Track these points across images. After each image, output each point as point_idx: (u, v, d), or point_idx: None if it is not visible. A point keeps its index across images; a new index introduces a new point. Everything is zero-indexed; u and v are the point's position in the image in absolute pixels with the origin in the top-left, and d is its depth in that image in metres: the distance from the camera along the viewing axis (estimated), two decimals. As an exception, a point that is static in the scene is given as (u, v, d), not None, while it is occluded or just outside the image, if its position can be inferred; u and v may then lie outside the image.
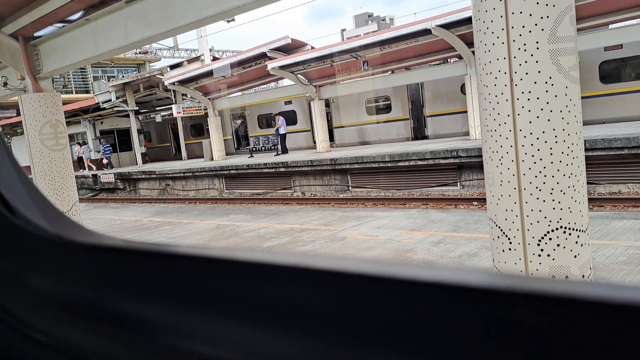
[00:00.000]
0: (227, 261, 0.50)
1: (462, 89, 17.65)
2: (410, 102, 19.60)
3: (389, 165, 14.25)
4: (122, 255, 0.61)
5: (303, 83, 18.48)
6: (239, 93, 23.52)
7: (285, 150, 20.48)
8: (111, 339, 0.57)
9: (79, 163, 26.43)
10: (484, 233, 6.17)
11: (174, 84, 21.12)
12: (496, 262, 3.33)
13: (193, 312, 0.51)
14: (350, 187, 15.81)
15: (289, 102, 22.76)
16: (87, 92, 45.95)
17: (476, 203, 10.75)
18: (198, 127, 27.14)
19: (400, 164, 14.01)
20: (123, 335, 0.56)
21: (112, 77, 48.36)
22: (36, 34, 7.26)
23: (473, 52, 14.98)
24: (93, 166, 26.05)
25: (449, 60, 18.22)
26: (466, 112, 17.00)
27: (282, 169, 17.11)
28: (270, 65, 17.39)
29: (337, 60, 16.92)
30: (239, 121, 26.56)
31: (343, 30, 70.94)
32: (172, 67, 21.97)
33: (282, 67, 17.62)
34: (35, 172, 6.76)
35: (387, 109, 20.06)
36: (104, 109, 23.63)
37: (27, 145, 6.84)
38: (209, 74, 20.20)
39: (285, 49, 17.70)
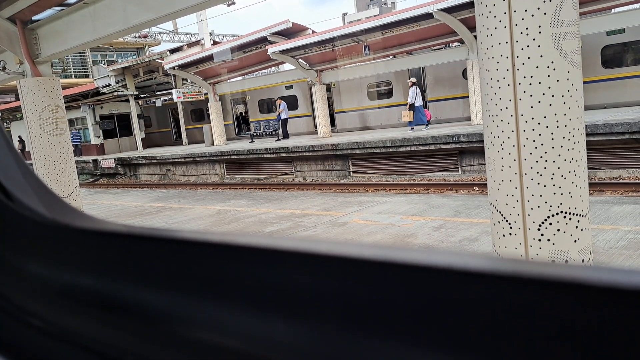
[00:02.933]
0: (226, 246, 0.49)
1: (464, 73, 17.55)
2: (411, 86, 19.49)
3: (391, 150, 14.23)
4: (120, 240, 0.61)
5: (304, 68, 18.38)
6: (240, 78, 23.41)
7: (286, 136, 20.42)
8: (109, 324, 0.57)
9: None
10: (485, 218, 6.19)
11: (174, 68, 21.00)
12: (496, 247, 3.34)
13: (191, 297, 0.50)
14: (351, 173, 15.81)
15: (290, 87, 22.65)
16: (87, 76, 45.69)
17: (477, 188, 10.75)
18: (198, 112, 27.05)
19: (401, 149, 13.99)
20: (121, 320, 0.56)
21: (112, 61, 48.09)
22: (34, 18, 7.20)
23: (475, 37, 14.87)
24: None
25: (450, 44, 18.10)
26: (468, 97, 16.94)
27: (283, 155, 17.10)
28: (271, 49, 17.28)
29: (338, 45, 16.81)
30: (240, 106, 26.44)
31: (344, 14, 70.34)
32: (172, 51, 21.84)
33: (283, 52, 17.51)
34: (35, 158, 6.76)
35: (389, 94, 19.96)
36: (104, 93, 23.54)
37: (26, 130, 6.82)
38: (210, 58, 20.08)
39: (286, 33, 17.57)
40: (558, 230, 3.17)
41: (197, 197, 11.39)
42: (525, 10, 3.06)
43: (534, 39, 3.07)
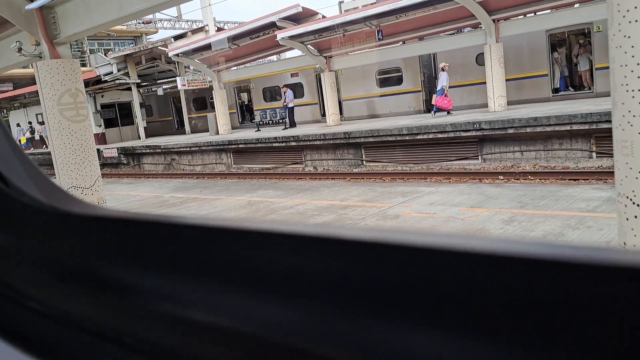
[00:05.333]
0: (219, 229, 0.50)
1: (477, 59, 17.12)
2: (422, 73, 19.03)
3: (407, 138, 13.83)
4: (116, 224, 0.62)
5: (313, 54, 17.90)
6: (244, 65, 22.89)
7: (293, 124, 19.99)
8: (106, 307, 0.58)
9: (41, 141, 27.73)
10: (557, 210, 5.77)
11: (178, 55, 20.46)
12: (630, 245, 2.92)
13: (186, 278, 0.51)
14: (364, 162, 15.42)
15: (295, 75, 22.18)
16: (84, 65, 45.12)
17: (502, 177, 10.39)
18: (200, 101, 26.50)
19: (418, 137, 13.59)
20: (118, 303, 0.57)
21: (109, 49, 47.52)
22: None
23: (494, 20, 14.45)
24: None
25: (462, 30, 17.66)
26: (480, 83, 16.53)
27: (293, 143, 16.68)
28: (280, 35, 16.78)
29: (349, 30, 16.33)
30: (243, 94, 25.92)
31: (341, 2, 69.25)
32: (176, 37, 21.27)
33: (292, 37, 17.03)
34: (53, 146, 6.31)
35: (398, 81, 19.51)
36: (105, 81, 22.97)
37: (44, 116, 6.37)
38: (215, 45, 19.56)
39: (296, 18, 17.05)
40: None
41: (219, 187, 10.93)
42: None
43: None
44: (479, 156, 12.88)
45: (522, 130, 11.72)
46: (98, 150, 23.97)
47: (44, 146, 27.73)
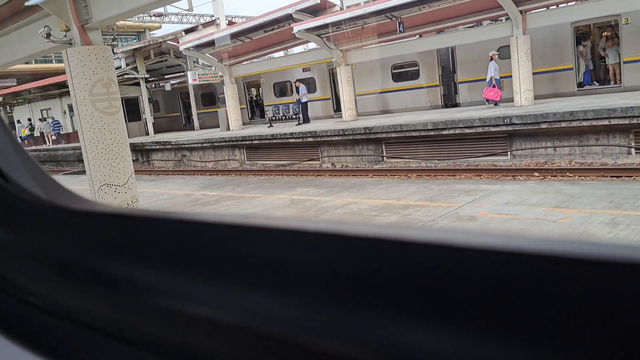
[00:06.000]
0: (217, 224, 0.51)
1: (500, 52, 16.66)
2: (440, 67, 18.56)
3: (432, 134, 13.37)
4: (116, 220, 0.62)
5: (329, 47, 17.43)
6: (255, 60, 22.42)
7: (307, 119, 19.53)
8: (106, 302, 0.59)
9: (42, 138, 27.78)
10: None
11: (189, 49, 19.96)
12: None
13: (185, 273, 0.51)
14: (384, 158, 14.97)
15: (308, 69, 21.72)
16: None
17: (537, 174, 9.96)
18: (209, 96, 25.98)
19: (444, 132, 13.13)
20: (117, 299, 0.57)
21: (113, 44, 47.08)
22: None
23: (521, 12, 13.99)
24: (50, 140, 27.88)
25: (481, 23, 17.20)
26: (502, 77, 16.13)
27: (310, 139, 16.22)
28: (297, 27, 16.31)
29: (369, 22, 15.86)
30: (253, 89, 25.44)
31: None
32: (187, 31, 20.77)
33: (308, 30, 16.56)
34: (84, 140, 5.85)
35: (415, 75, 19.03)
36: (114, 76, 22.49)
37: (74, 108, 5.89)
38: (227, 38, 19.08)
39: (313, 10, 16.57)
40: None
41: (252, 185, 10.46)
42: None
43: None
44: (508, 152, 12.43)
45: (556, 125, 11.27)
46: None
47: (44, 144, 27.64)
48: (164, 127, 27.95)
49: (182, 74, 24.77)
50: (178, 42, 20.17)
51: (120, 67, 21.94)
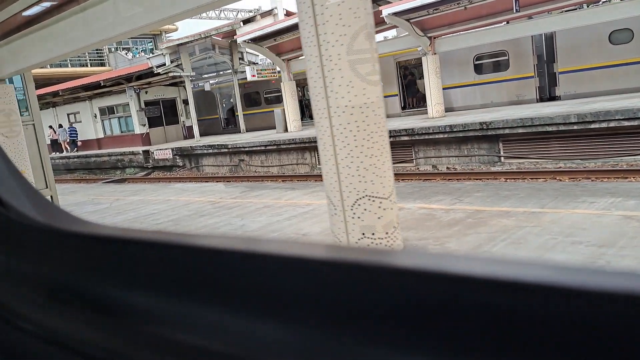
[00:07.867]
0: (213, 250, 0.50)
1: (610, 37, 14.61)
2: (535, 56, 16.44)
3: (575, 127, 11.25)
4: (110, 243, 0.61)
5: (418, 34, 15.35)
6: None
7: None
8: (100, 327, 0.58)
9: (52, 146, 25.88)
10: None
11: (246, 41, 17.87)
12: None
13: (180, 299, 0.50)
14: (502, 158, 12.86)
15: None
16: (102, 64, 42.70)
17: None
18: (253, 96, 23.77)
19: (592, 125, 11.02)
20: (112, 324, 0.56)
21: (127, 48, 45.14)
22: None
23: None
24: (68, 147, 26.48)
25: (582, 6, 15.16)
26: (614, 66, 14.08)
27: (405, 137, 14.13)
28: (386, 10, 14.25)
29: (474, 2, 13.80)
30: (305, 88, 23.31)
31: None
32: (245, 22, 18.67)
33: (397, 13, 14.51)
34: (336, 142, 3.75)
35: (503, 66, 16.90)
36: (158, 74, 20.35)
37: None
38: (288, 29, 16.99)
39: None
40: None
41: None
42: None
43: None
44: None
45: None
46: (147, 151, 21.36)
47: (55, 152, 26.02)
48: (200, 130, 25.77)
49: (228, 71, 22.67)
50: (235, 34, 18.03)
51: (165, 64, 19.81)
